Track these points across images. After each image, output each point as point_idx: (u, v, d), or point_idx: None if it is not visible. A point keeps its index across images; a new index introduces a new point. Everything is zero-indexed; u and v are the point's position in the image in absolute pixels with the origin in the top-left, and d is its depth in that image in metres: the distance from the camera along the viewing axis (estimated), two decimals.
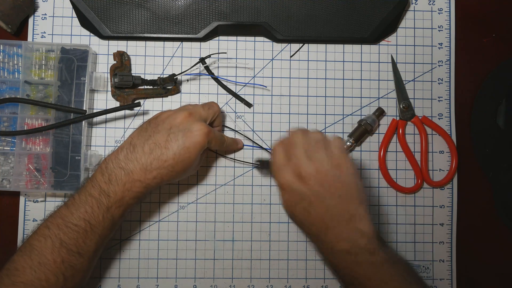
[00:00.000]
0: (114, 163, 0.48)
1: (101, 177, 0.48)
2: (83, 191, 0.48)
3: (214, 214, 0.59)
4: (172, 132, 0.48)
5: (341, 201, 0.45)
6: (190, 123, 0.49)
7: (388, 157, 0.61)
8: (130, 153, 0.48)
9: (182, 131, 0.48)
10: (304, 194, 0.45)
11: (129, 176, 0.47)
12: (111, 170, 0.47)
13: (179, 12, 0.59)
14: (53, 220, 0.47)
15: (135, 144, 0.48)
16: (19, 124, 0.55)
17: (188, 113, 0.49)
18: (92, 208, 0.47)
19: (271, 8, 0.59)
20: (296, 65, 0.61)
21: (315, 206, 0.45)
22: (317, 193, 0.45)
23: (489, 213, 0.61)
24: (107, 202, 0.47)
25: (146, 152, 0.47)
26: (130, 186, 0.47)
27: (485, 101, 0.61)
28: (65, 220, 0.47)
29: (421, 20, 0.62)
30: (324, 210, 0.45)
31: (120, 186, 0.47)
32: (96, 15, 0.58)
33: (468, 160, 0.61)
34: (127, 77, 0.57)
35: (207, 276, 0.58)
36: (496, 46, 0.63)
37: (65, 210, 0.47)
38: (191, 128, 0.48)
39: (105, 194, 0.47)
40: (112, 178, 0.47)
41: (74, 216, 0.47)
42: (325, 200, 0.45)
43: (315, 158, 0.46)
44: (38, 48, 0.56)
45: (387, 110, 0.61)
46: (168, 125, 0.48)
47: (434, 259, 0.60)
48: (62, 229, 0.46)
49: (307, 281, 0.59)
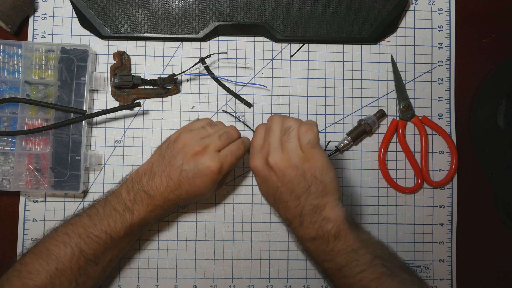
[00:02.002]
0: (138, 185, 0.49)
1: (126, 194, 0.49)
2: (107, 204, 0.49)
3: (214, 214, 0.59)
4: (184, 170, 0.48)
5: (305, 192, 0.46)
6: (201, 161, 0.48)
7: (388, 157, 0.61)
8: (151, 181, 0.49)
9: (192, 170, 0.48)
10: (272, 181, 0.47)
11: (151, 200, 0.49)
12: (136, 191, 0.49)
13: (179, 12, 0.59)
14: (74, 229, 0.48)
15: (155, 173, 0.49)
16: (19, 124, 0.55)
17: (201, 149, 0.49)
18: (115, 222, 0.48)
19: (271, 8, 0.59)
20: (296, 65, 0.61)
21: (282, 194, 0.47)
22: (283, 183, 0.46)
23: (489, 213, 0.61)
24: (130, 219, 0.49)
25: (163, 183, 0.49)
26: (153, 208, 0.49)
27: (485, 101, 0.61)
28: (87, 231, 0.48)
29: (421, 20, 0.62)
30: (289, 199, 0.47)
31: (143, 206, 0.49)
32: (96, 15, 0.58)
33: (468, 160, 0.61)
34: (127, 77, 0.57)
35: (207, 276, 0.58)
36: (496, 46, 0.63)
37: (88, 221, 0.48)
38: (200, 167, 0.48)
39: (130, 211, 0.49)
40: (137, 198, 0.49)
41: (96, 227, 0.48)
42: (290, 190, 0.46)
43: (285, 148, 0.46)
44: (38, 48, 0.56)
45: (387, 110, 0.61)
46: (181, 160, 0.49)
47: (434, 259, 0.60)
48: (83, 238, 0.47)
49: (307, 281, 0.59)
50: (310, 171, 0.46)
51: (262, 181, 0.49)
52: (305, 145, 0.46)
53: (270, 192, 0.48)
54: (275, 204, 0.49)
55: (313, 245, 0.47)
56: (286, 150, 0.46)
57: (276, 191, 0.47)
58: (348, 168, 0.60)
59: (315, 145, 0.46)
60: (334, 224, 0.46)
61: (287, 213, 0.48)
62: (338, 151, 0.60)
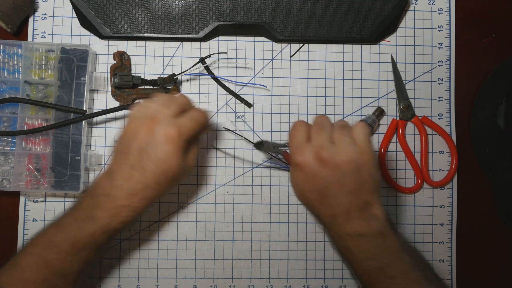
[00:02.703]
0: (99, 190, 0.46)
1: (87, 201, 0.46)
2: (70, 213, 0.47)
3: (214, 214, 0.59)
4: (142, 149, 0.45)
5: (358, 188, 0.45)
6: (156, 133, 0.45)
7: (388, 157, 0.61)
8: (111, 181, 0.45)
9: (150, 145, 0.45)
10: (322, 177, 0.45)
11: (114, 202, 0.45)
12: (97, 196, 0.46)
13: (179, 12, 0.59)
14: (40, 239, 0.46)
15: (113, 171, 0.46)
16: (19, 124, 0.55)
17: (151, 122, 0.45)
18: (77, 231, 0.45)
19: (271, 8, 0.59)
20: (296, 65, 0.61)
21: (331, 190, 0.45)
22: (336, 178, 0.45)
23: (489, 213, 0.61)
24: (91, 227, 0.45)
25: (125, 177, 0.45)
26: (117, 211, 0.45)
27: (485, 101, 0.61)
28: (50, 240, 0.45)
29: (421, 20, 0.62)
30: (339, 195, 0.45)
31: (105, 211, 0.45)
32: (96, 15, 0.58)
33: (468, 160, 0.61)
34: (127, 77, 0.57)
35: (207, 276, 0.58)
36: (496, 46, 0.63)
37: (52, 231, 0.46)
38: (157, 138, 0.45)
39: (91, 219, 0.45)
40: (97, 204, 0.45)
41: (59, 237, 0.45)
42: (342, 185, 0.45)
43: (339, 143, 0.45)
44: (38, 48, 0.56)
45: (387, 110, 0.61)
46: (136, 145, 0.45)
47: (434, 259, 0.60)
48: (46, 249, 0.45)
49: (307, 281, 0.59)
50: (365, 167, 0.45)
51: (308, 177, 0.45)
52: (361, 140, 0.46)
53: (316, 187, 0.45)
54: (319, 200, 0.46)
55: (357, 242, 0.45)
56: (342, 144, 0.45)
57: (325, 186, 0.45)
58: None
59: (369, 140, 0.46)
60: (380, 222, 0.45)
61: (333, 209, 0.45)
62: None
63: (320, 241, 0.59)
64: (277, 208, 0.59)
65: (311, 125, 0.48)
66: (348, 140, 0.46)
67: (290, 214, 0.59)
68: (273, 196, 0.59)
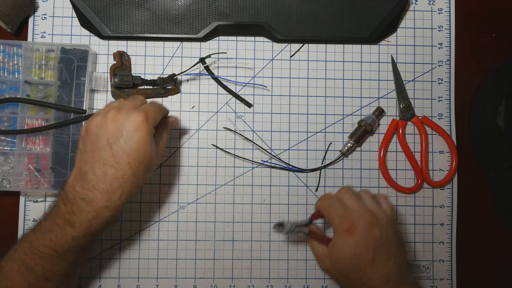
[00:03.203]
0: (73, 194, 0.44)
1: (64, 207, 0.44)
2: (49, 217, 0.46)
3: (214, 214, 0.59)
4: (113, 143, 0.43)
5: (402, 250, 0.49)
6: (123, 122, 0.44)
7: (388, 157, 0.61)
8: (85, 183, 0.44)
9: (121, 136, 0.43)
10: (374, 239, 0.46)
11: (92, 205, 0.43)
12: (72, 201, 0.44)
13: (179, 12, 0.59)
14: (22, 244, 0.45)
15: (85, 172, 0.44)
16: (19, 124, 0.55)
17: (115, 112, 0.44)
18: (57, 237, 0.44)
19: (271, 8, 0.59)
20: (296, 65, 0.61)
21: (383, 249, 0.47)
22: (385, 239, 0.47)
23: (489, 213, 0.61)
24: (72, 232, 0.44)
25: (100, 177, 0.43)
26: (96, 213, 0.44)
27: (485, 101, 0.61)
28: (31, 246, 0.45)
29: (421, 20, 0.62)
30: (390, 256, 0.47)
31: (84, 215, 0.43)
32: (96, 15, 0.58)
33: (468, 160, 0.61)
34: (127, 77, 0.57)
35: (207, 276, 0.58)
36: (496, 46, 0.63)
37: (33, 236, 0.45)
38: (126, 127, 0.44)
39: (70, 224, 0.44)
40: (75, 209, 0.44)
41: (40, 242, 0.44)
42: (390, 247, 0.48)
43: (376, 211, 0.49)
44: (38, 48, 0.56)
45: (387, 110, 0.61)
46: (105, 138, 0.44)
47: (434, 259, 0.60)
48: (28, 254, 0.44)
49: (307, 281, 0.59)
50: (398, 233, 0.49)
51: (360, 240, 0.46)
52: (390, 210, 0.51)
53: (370, 250, 0.46)
54: (371, 263, 0.46)
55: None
56: (380, 211, 0.49)
57: (377, 247, 0.46)
58: (348, 168, 0.60)
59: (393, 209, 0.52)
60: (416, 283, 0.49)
61: (388, 269, 0.46)
62: (344, 156, 0.60)
63: None
64: (277, 208, 0.59)
65: (340, 196, 0.50)
66: (383, 208, 0.50)
67: (290, 214, 0.59)
68: (273, 196, 0.59)
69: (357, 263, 0.46)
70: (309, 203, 0.59)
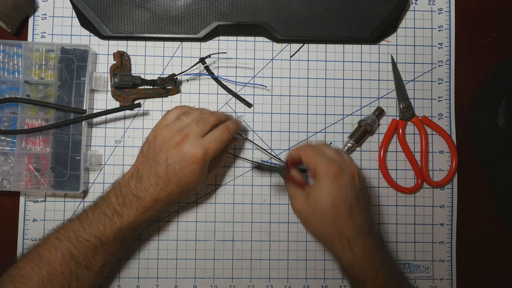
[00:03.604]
0: (127, 189, 0.49)
1: (115, 199, 0.49)
2: (97, 208, 0.49)
3: (214, 214, 0.59)
4: (169, 164, 0.48)
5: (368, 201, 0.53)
6: (184, 151, 0.48)
7: (388, 157, 0.61)
8: (139, 183, 0.49)
9: (177, 162, 0.48)
10: (355, 188, 0.49)
11: (141, 202, 0.49)
12: (125, 195, 0.49)
13: (179, 12, 0.59)
14: (65, 233, 0.48)
15: (142, 175, 0.49)
16: (19, 124, 0.55)
17: (181, 138, 0.49)
18: (105, 226, 0.48)
19: (271, 8, 0.59)
20: (296, 65, 0.61)
21: (360, 201, 0.50)
22: (364, 191, 0.51)
23: (489, 213, 0.61)
24: (119, 223, 0.49)
25: (152, 183, 0.49)
26: (143, 210, 0.49)
27: (485, 101, 0.61)
28: (77, 235, 0.48)
29: (421, 20, 0.62)
30: (365, 207, 0.51)
31: (133, 209, 0.49)
32: (96, 15, 0.58)
33: (468, 160, 0.61)
34: (127, 77, 0.57)
35: (207, 276, 0.58)
36: (496, 46, 0.63)
37: (78, 225, 0.49)
38: (185, 156, 0.48)
39: (119, 215, 0.49)
40: (126, 202, 0.49)
41: (86, 231, 0.48)
42: (367, 198, 0.52)
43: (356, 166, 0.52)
44: (38, 48, 0.56)
45: (387, 110, 0.61)
46: (164, 155, 0.49)
47: (434, 259, 0.60)
48: (73, 242, 0.47)
49: (307, 281, 0.59)
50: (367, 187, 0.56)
51: (344, 187, 0.48)
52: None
53: (349, 198, 0.48)
54: (349, 211, 0.48)
55: (381, 254, 0.49)
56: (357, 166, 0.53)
57: (357, 197, 0.49)
58: None
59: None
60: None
61: (363, 219, 0.49)
62: None
63: None
64: (277, 208, 0.59)
65: (321, 147, 0.52)
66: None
67: (290, 214, 0.59)
68: (273, 196, 0.60)
69: (336, 208, 0.48)
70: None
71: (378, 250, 0.49)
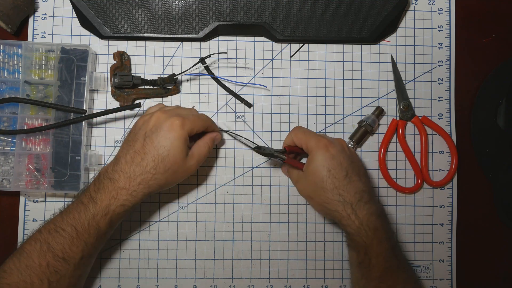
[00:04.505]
0: (103, 175, 0.49)
1: (93, 186, 0.50)
2: (76, 199, 0.50)
3: (214, 214, 0.59)
4: (147, 136, 0.49)
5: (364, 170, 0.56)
6: (162, 121, 0.49)
7: (388, 157, 0.61)
8: (116, 165, 0.49)
9: (155, 132, 0.49)
10: (348, 156, 0.53)
11: (114, 184, 0.48)
12: (101, 180, 0.49)
13: (179, 12, 0.59)
14: (47, 225, 0.49)
15: (119, 157, 0.50)
16: (19, 124, 0.55)
17: (160, 112, 0.50)
18: (79, 214, 0.48)
19: (271, 8, 0.59)
20: (296, 65, 0.61)
21: (355, 168, 0.52)
22: (357, 162, 0.54)
23: (489, 213, 0.61)
24: (93, 209, 0.48)
25: (128, 161, 0.49)
26: (116, 193, 0.48)
27: (485, 101, 0.61)
28: (56, 225, 0.48)
29: (421, 20, 0.62)
30: (362, 174, 0.53)
31: (106, 194, 0.48)
32: (96, 15, 0.58)
33: (468, 160, 0.61)
34: (127, 77, 0.57)
35: (207, 276, 0.58)
36: (496, 46, 0.63)
37: (59, 216, 0.49)
38: (162, 126, 0.49)
39: (93, 201, 0.48)
40: (100, 187, 0.49)
41: (64, 221, 0.48)
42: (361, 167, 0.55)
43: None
44: (38, 48, 0.56)
45: (387, 110, 0.61)
46: (143, 131, 0.50)
47: (434, 259, 0.60)
48: (51, 233, 0.47)
49: (307, 281, 0.59)
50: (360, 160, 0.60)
51: (337, 154, 0.51)
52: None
53: (344, 165, 0.51)
54: (347, 178, 0.51)
55: (381, 222, 0.50)
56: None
57: (351, 164, 0.52)
58: None
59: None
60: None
61: (362, 185, 0.51)
62: None
63: (320, 241, 0.59)
64: (277, 208, 0.59)
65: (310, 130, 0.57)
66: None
67: (290, 214, 0.59)
68: (273, 196, 0.59)
69: (333, 174, 0.51)
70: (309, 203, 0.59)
71: (383, 217, 0.51)
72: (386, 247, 0.50)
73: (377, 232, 0.49)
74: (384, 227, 0.50)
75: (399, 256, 0.52)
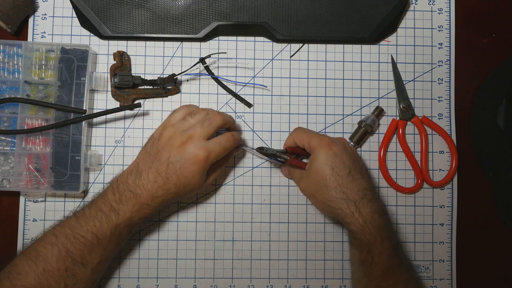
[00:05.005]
0: (124, 186, 0.50)
1: (112, 195, 0.50)
2: (93, 205, 0.50)
3: (214, 214, 0.59)
4: (171, 162, 0.49)
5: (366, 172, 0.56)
6: (187, 151, 0.49)
7: (388, 157, 0.61)
8: (137, 179, 0.50)
9: (179, 161, 0.49)
10: (350, 154, 0.53)
11: (137, 199, 0.49)
12: (122, 191, 0.50)
13: (179, 12, 0.59)
14: (62, 230, 0.48)
15: (141, 170, 0.50)
16: (19, 124, 0.55)
17: (186, 139, 0.50)
18: (101, 223, 0.48)
19: (271, 8, 0.59)
20: (296, 65, 0.61)
21: (357, 167, 0.52)
22: (358, 161, 0.54)
23: (489, 213, 0.61)
24: (116, 220, 0.49)
25: (151, 180, 0.49)
26: (139, 208, 0.50)
27: (485, 101, 0.61)
28: (73, 231, 0.48)
29: (421, 20, 0.62)
30: (364, 172, 0.54)
31: (129, 206, 0.49)
32: (96, 15, 0.58)
33: (468, 160, 0.61)
34: (127, 77, 0.57)
35: (207, 276, 0.58)
36: (496, 46, 0.63)
37: (75, 222, 0.49)
38: (187, 156, 0.49)
39: (115, 212, 0.49)
40: (122, 199, 0.49)
41: (83, 228, 0.48)
42: (363, 166, 0.55)
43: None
44: (38, 48, 0.56)
45: (387, 110, 0.61)
46: (167, 154, 0.50)
47: (434, 259, 0.60)
48: (69, 239, 0.48)
49: (307, 281, 0.59)
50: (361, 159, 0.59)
51: (339, 152, 0.52)
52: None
53: (347, 163, 0.51)
54: (349, 175, 0.51)
55: (383, 220, 0.50)
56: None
57: (354, 162, 0.52)
58: None
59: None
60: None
61: (365, 183, 0.52)
62: None
63: (320, 241, 0.59)
64: (277, 208, 0.59)
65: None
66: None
67: (290, 214, 0.59)
68: (273, 196, 0.60)
69: (336, 172, 0.51)
70: (309, 203, 0.59)
71: (385, 215, 0.52)
72: (389, 245, 0.50)
73: (380, 230, 0.49)
74: (386, 226, 0.51)
75: (400, 255, 0.52)
